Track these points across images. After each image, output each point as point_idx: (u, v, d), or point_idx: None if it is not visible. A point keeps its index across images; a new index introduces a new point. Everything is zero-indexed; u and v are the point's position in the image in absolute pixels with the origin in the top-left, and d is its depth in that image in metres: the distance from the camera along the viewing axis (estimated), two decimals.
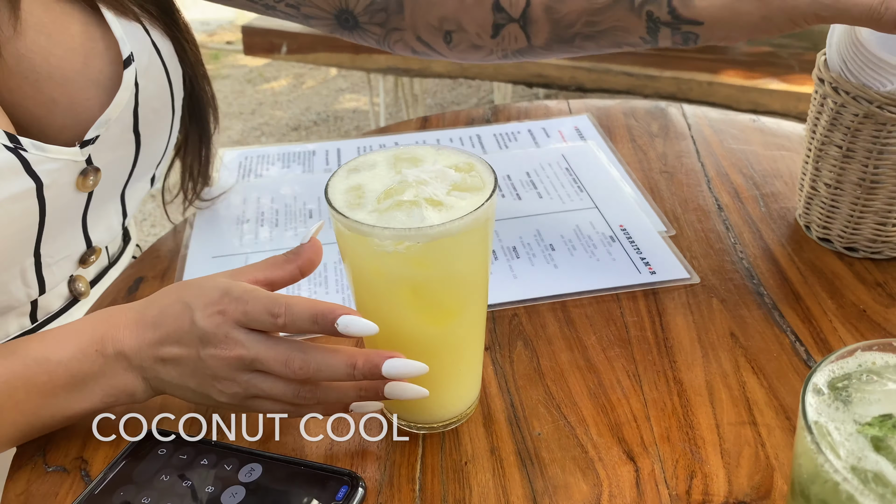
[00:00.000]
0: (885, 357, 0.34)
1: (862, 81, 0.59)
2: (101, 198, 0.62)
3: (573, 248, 0.68)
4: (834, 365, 0.34)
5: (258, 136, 2.94)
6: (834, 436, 0.31)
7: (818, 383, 0.33)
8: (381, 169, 0.47)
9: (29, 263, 0.58)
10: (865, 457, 0.30)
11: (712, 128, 0.87)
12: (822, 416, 0.32)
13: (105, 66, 0.59)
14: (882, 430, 0.30)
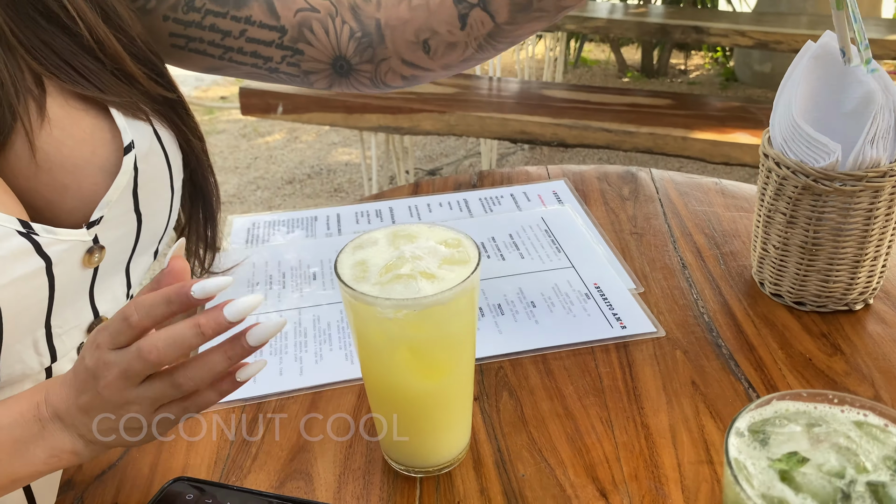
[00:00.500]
0: (796, 405, 0.41)
1: (800, 158, 0.68)
2: (107, 272, 0.66)
3: (552, 304, 0.75)
4: (754, 412, 0.41)
5: (254, 190, 3.03)
6: (749, 469, 0.38)
7: (740, 427, 0.40)
8: (381, 245, 0.54)
9: (41, 334, 0.62)
10: (773, 486, 0.37)
11: (678, 191, 0.95)
12: (741, 455, 0.39)
13: (109, 153, 0.64)
14: (788, 465, 0.37)
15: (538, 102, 2.27)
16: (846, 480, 0.37)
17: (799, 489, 0.36)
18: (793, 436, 0.39)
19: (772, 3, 3.79)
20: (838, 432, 0.39)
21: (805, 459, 0.38)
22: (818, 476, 0.37)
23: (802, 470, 0.37)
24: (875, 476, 0.37)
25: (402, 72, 0.77)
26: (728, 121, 2.06)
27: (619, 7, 3.60)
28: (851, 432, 0.39)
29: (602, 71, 4.34)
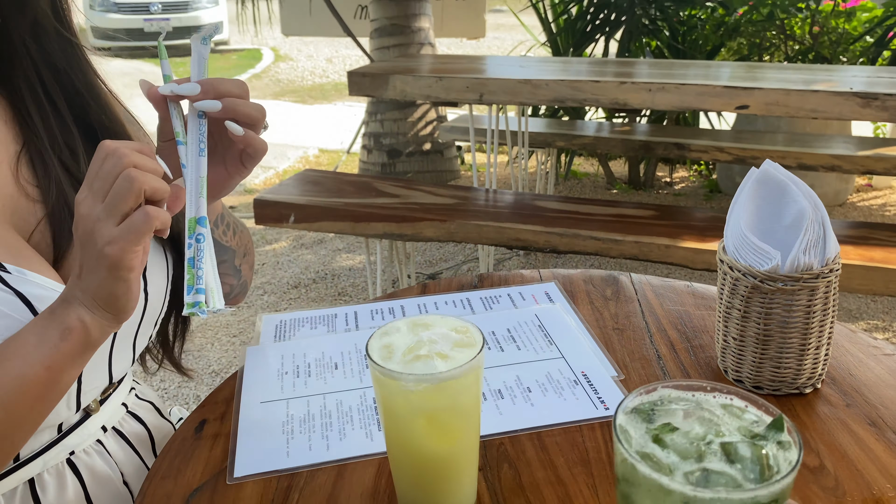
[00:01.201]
0: (677, 392, 0.54)
1: (748, 263, 0.82)
2: (121, 341, 0.81)
3: (546, 389, 0.87)
4: (643, 396, 0.54)
5: (261, 295, 3.16)
6: (631, 433, 0.50)
7: (627, 406, 0.53)
8: (403, 332, 0.67)
9: (74, 388, 0.77)
10: (647, 445, 0.49)
11: (654, 292, 1.09)
12: (627, 425, 0.51)
13: None
14: (660, 431, 0.50)
15: (531, 212, 2.44)
16: (705, 442, 0.48)
17: (666, 447, 0.48)
18: (670, 413, 0.52)
19: (749, 122, 4.07)
20: (706, 410, 0.51)
21: (675, 428, 0.50)
22: (684, 439, 0.48)
23: (672, 435, 0.49)
24: (729, 438, 0.48)
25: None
26: (708, 230, 2.23)
27: (606, 125, 3.87)
28: (717, 411, 0.51)
29: (591, 183, 4.59)
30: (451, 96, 2.58)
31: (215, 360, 2.65)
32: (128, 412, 0.90)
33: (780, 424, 0.49)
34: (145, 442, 0.91)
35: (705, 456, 0.47)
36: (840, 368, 0.88)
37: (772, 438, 0.48)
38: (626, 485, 0.48)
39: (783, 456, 0.47)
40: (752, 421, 0.51)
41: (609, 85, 2.40)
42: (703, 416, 0.51)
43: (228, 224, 0.92)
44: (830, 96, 2.20)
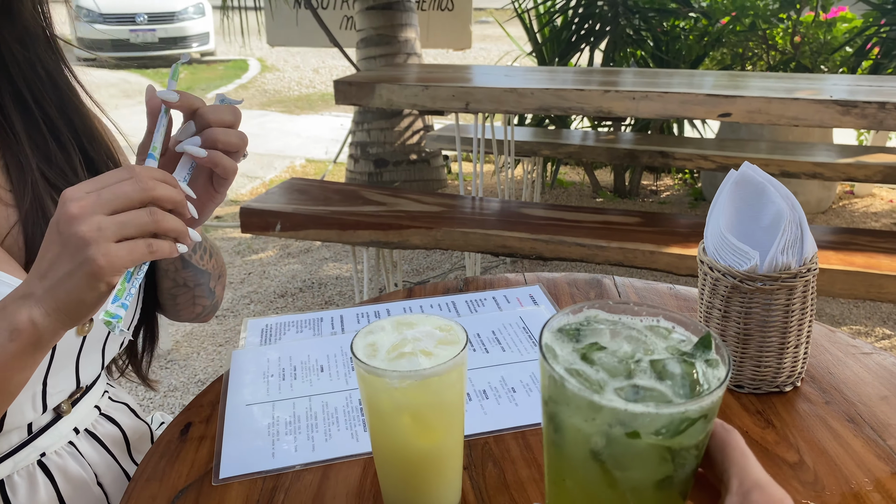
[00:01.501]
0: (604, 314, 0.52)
1: (728, 263, 0.83)
2: (90, 346, 0.82)
3: (530, 390, 0.88)
4: (569, 316, 0.52)
5: (247, 304, 3.15)
6: (557, 352, 0.49)
7: (553, 325, 0.51)
8: (388, 331, 0.67)
9: (39, 389, 0.78)
10: (575, 363, 0.48)
11: (637, 294, 1.10)
12: (553, 343, 0.49)
13: None
14: (587, 350, 0.48)
15: (517, 220, 2.46)
16: (634, 359, 0.47)
17: (594, 365, 0.47)
18: (597, 332, 0.50)
19: (733, 130, 4.12)
20: (634, 330, 0.50)
21: (603, 347, 0.48)
22: (612, 358, 0.47)
23: (600, 353, 0.48)
24: (658, 356, 0.47)
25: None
26: (692, 237, 2.25)
27: (591, 134, 3.90)
28: (644, 331, 0.50)
29: (577, 192, 4.61)
30: (437, 105, 2.59)
31: (201, 370, 2.64)
32: (101, 414, 0.91)
33: (707, 342, 0.48)
34: (120, 443, 0.91)
35: (635, 373, 0.46)
36: (819, 367, 0.90)
37: (700, 357, 0.47)
38: (553, 405, 0.47)
39: (712, 373, 0.46)
40: (679, 340, 0.49)
41: (594, 94, 2.42)
42: (630, 335, 0.50)
43: (206, 249, 0.93)
44: (811, 104, 2.23)
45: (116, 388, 0.99)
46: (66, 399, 0.84)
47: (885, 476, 0.71)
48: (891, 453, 0.74)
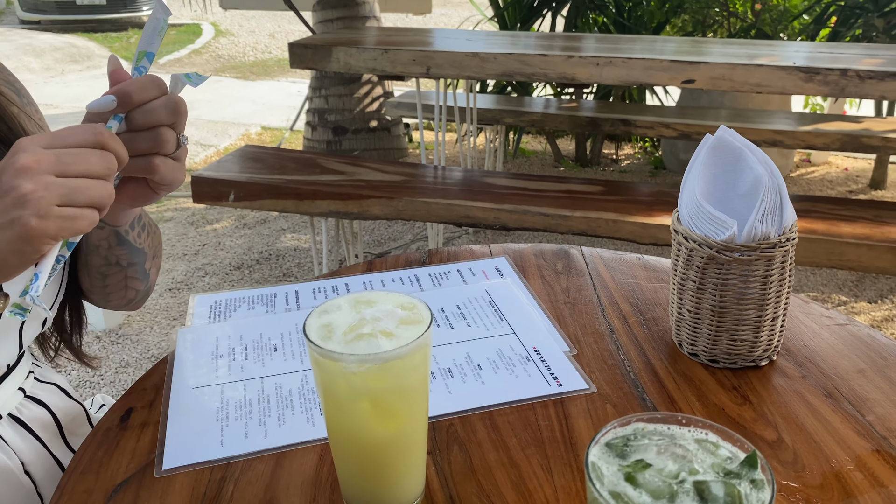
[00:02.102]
0: (652, 425, 0.51)
1: (704, 233, 0.79)
2: (4, 328, 0.75)
3: (497, 367, 0.83)
4: (617, 429, 0.51)
5: (202, 276, 3.05)
6: (603, 471, 0.47)
7: (601, 441, 0.50)
8: (345, 310, 0.62)
9: None
10: (619, 484, 0.46)
11: (606, 265, 1.06)
12: (598, 461, 0.48)
13: None
14: (633, 469, 0.47)
15: (480, 189, 2.40)
16: (678, 480, 0.46)
17: (638, 486, 0.46)
18: (644, 448, 0.49)
19: (693, 98, 4.11)
20: (680, 447, 0.49)
21: (648, 465, 0.47)
22: (656, 477, 0.46)
23: (645, 473, 0.47)
24: (703, 476, 0.46)
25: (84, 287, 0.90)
26: (655, 205, 2.22)
27: (553, 102, 3.85)
28: (691, 446, 0.49)
29: (539, 161, 4.57)
30: (397, 70, 2.51)
31: (155, 345, 2.55)
32: (26, 396, 0.83)
33: (753, 461, 0.48)
34: (50, 426, 0.85)
35: (677, 496, 0.45)
36: (795, 340, 0.87)
37: (745, 476, 0.47)
38: None
39: (756, 496, 0.46)
40: (725, 457, 0.49)
41: (557, 59, 2.36)
42: (676, 452, 0.49)
43: (144, 225, 0.86)
44: (774, 70, 2.21)
45: (44, 367, 0.91)
46: None
47: (865, 453, 0.68)
48: (871, 429, 0.71)
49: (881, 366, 0.81)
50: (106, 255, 0.83)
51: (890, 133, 3.09)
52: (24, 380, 0.84)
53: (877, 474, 0.66)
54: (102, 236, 0.81)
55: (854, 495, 0.63)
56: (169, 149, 0.64)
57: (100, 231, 0.79)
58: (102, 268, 0.85)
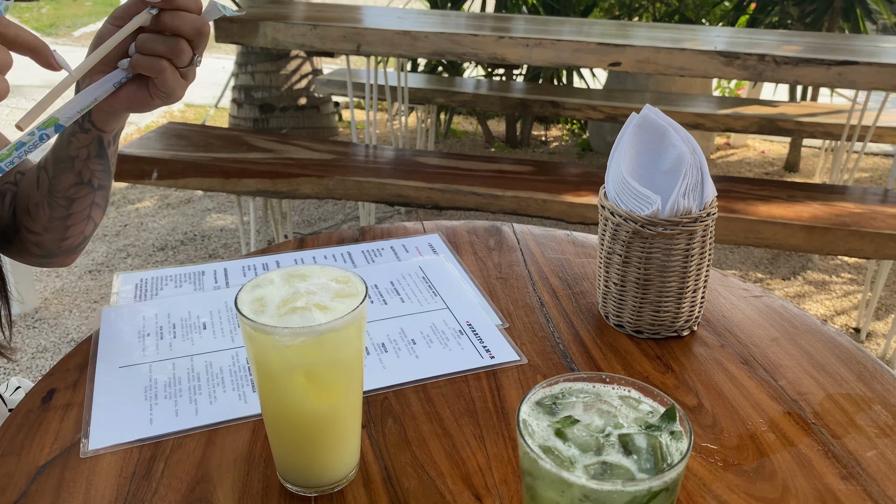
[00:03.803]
0: (579, 385, 0.54)
1: (629, 208, 0.81)
2: None
3: (430, 341, 0.84)
4: (546, 389, 0.53)
5: (124, 258, 2.95)
6: (533, 428, 0.50)
7: (531, 399, 0.52)
8: (277, 284, 0.61)
9: None
10: (549, 439, 0.49)
11: (536, 242, 1.08)
12: (529, 418, 0.51)
13: None
14: (562, 424, 0.50)
15: (413, 168, 2.40)
16: (604, 434, 0.49)
17: (567, 440, 0.49)
18: (571, 405, 0.52)
19: (619, 81, 4.20)
20: (606, 402, 0.52)
21: (576, 421, 0.50)
22: (584, 432, 0.49)
23: (573, 428, 0.49)
24: (627, 430, 0.49)
25: (30, 239, 0.89)
26: (583, 185, 2.27)
27: (484, 83, 3.87)
28: (615, 402, 0.52)
29: (470, 141, 4.59)
30: (327, 46, 2.47)
31: (74, 329, 2.45)
32: None
33: (672, 414, 0.50)
34: None
35: (604, 448, 0.48)
36: (714, 311, 0.91)
37: (665, 428, 0.50)
38: (530, 478, 0.49)
39: (675, 445, 0.49)
40: (647, 412, 0.52)
41: (488, 39, 2.37)
42: (601, 408, 0.52)
43: (117, 145, 0.85)
44: (696, 55, 2.28)
45: None
46: None
47: (778, 416, 0.72)
48: (782, 393, 0.76)
49: (793, 334, 0.86)
50: (80, 171, 0.81)
51: (803, 117, 3.24)
52: None
53: (788, 434, 0.70)
54: (84, 142, 0.79)
55: (767, 454, 0.67)
56: (182, 61, 0.68)
57: (84, 135, 0.78)
58: (72, 189, 0.83)
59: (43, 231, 0.87)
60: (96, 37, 0.69)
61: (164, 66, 0.67)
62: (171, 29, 0.66)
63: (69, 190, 0.83)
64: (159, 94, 0.70)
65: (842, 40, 2.67)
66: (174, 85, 0.69)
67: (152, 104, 0.72)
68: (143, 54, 0.67)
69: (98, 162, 0.83)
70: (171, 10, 0.66)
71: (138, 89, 0.71)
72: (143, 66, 0.68)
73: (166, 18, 0.66)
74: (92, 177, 0.84)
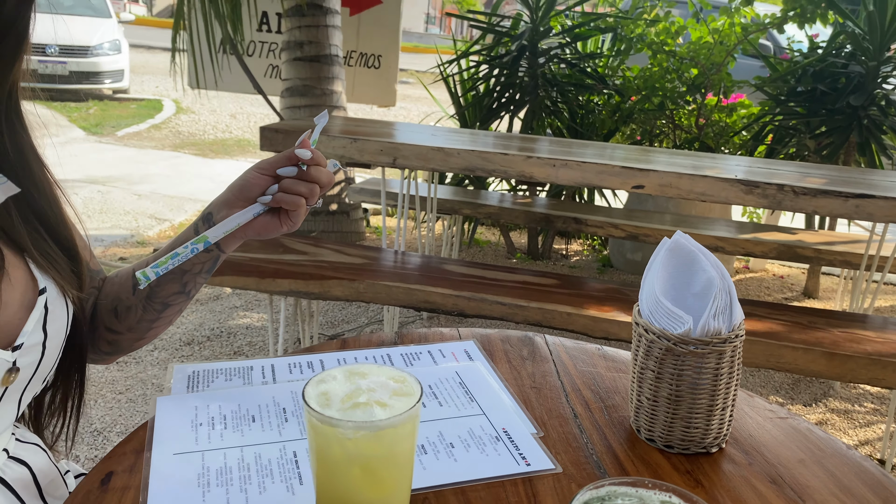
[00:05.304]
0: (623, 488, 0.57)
1: (662, 326, 0.87)
2: (9, 396, 0.79)
3: (468, 445, 0.88)
4: (592, 491, 0.57)
5: (151, 351, 3.00)
6: None
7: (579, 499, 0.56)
8: (340, 380, 0.66)
9: None
10: None
11: (568, 354, 1.13)
12: None
13: (29, 293, 0.80)
14: None
15: (440, 275, 2.48)
16: None
17: None
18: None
19: (640, 202, 4.33)
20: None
21: None
22: None
23: None
24: None
25: (106, 337, 0.98)
26: (606, 301, 2.33)
27: (508, 197, 4.01)
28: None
29: (493, 251, 4.70)
30: (365, 158, 2.61)
31: (98, 419, 2.48)
32: (10, 457, 0.84)
33: None
34: (30, 487, 0.85)
35: None
36: (741, 430, 0.94)
37: None
38: None
39: None
40: None
41: (517, 158, 2.50)
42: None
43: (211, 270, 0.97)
44: (718, 182, 2.38)
45: (21, 427, 0.92)
46: None
47: None
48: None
49: (819, 457, 0.89)
50: (186, 282, 0.93)
51: (821, 245, 3.31)
52: (7, 441, 0.85)
53: None
54: (203, 259, 0.92)
55: None
56: (314, 202, 0.89)
57: (206, 253, 0.90)
58: (172, 297, 0.93)
59: (126, 331, 0.96)
60: (241, 179, 0.88)
61: (301, 203, 0.87)
62: (312, 178, 0.87)
63: (169, 297, 0.94)
64: (288, 223, 0.90)
65: (858, 174, 2.78)
66: (300, 220, 0.90)
67: (279, 231, 0.90)
68: (287, 193, 0.86)
69: (205, 277, 0.95)
70: (314, 165, 0.87)
71: (271, 219, 0.89)
72: (285, 202, 0.87)
73: (311, 171, 0.87)
74: (192, 289, 0.95)
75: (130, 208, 5.15)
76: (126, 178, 6.03)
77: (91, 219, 4.84)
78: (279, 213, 0.90)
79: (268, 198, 0.87)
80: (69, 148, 6.72)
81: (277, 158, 0.88)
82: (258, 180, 0.88)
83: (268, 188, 0.88)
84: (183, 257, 0.83)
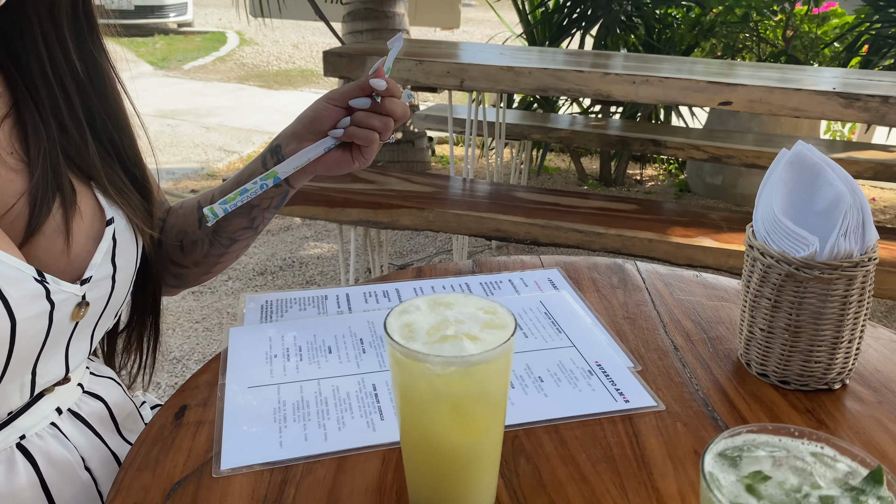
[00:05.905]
0: (763, 436, 0.49)
1: (782, 249, 0.76)
2: (81, 331, 0.76)
3: (559, 380, 0.81)
4: (728, 440, 0.49)
5: (225, 280, 3.04)
6: (721, 482, 0.45)
7: (714, 450, 0.48)
8: (424, 311, 0.60)
9: (27, 379, 0.71)
10: (740, 495, 0.44)
11: (663, 282, 1.03)
12: (715, 470, 0.46)
13: (97, 224, 0.76)
14: (752, 480, 0.45)
15: (511, 203, 2.39)
16: (801, 494, 0.44)
17: (762, 499, 0.44)
18: (758, 459, 0.47)
19: (721, 122, 4.09)
20: (798, 459, 0.47)
21: (768, 477, 0.45)
22: (779, 490, 0.44)
23: (765, 485, 0.45)
24: (827, 491, 0.44)
25: (171, 270, 0.93)
26: (690, 226, 2.20)
27: (580, 120, 3.84)
28: (808, 458, 0.47)
29: (563, 178, 4.56)
30: (431, 81, 2.50)
31: (177, 347, 2.53)
32: (84, 392, 0.82)
33: (879, 477, 0.45)
34: (107, 421, 0.83)
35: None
36: (866, 364, 0.84)
37: (871, 493, 0.44)
38: None
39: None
40: (845, 472, 0.47)
41: (593, 76, 2.35)
42: (795, 465, 0.47)
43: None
44: (813, 95, 2.18)
45: (97, 361, 0.90)
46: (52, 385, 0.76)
47: None
48: None
49: None
50: (254, 217, 0.88)
51: None
52: (82, 375, 0.82)
53: None
54: (272, 193, 0.87)
55: None
56: (388, 136, 0.81)
57: (276, 188, 0.85)
58: (239, 231, 0.89)
59: (192, 265, 0.92)
60: (312, 110, 0.82)
61: (375, 138, 0.80)
62: (387, 111, 0.79)
63: (237, 232, 0.89)
64: (361, 159, 0.83)
65: None
66: (372, 156, 0.83)
67: (350, 167, 0.84)
68: (359, 127, 0.79)
69: (273, 211, 0.89)
70: (388, 97, 0.79)
71: (343, 154, 0.83)
72: (358, 137, 0.80)
73: (386, 102, 0.79)
74: (260, 223, 0.90)
75: (199, 141, 5.19)
76: (193, 111, 6.07)
77: (162, 152, 4.91)
78: (351, 147, 0.83)
79: (339, 132, 0.81)
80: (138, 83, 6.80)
81: (349, 88, 0.80)
82: (329, 112, 0.81)
83: (339, 121, 0.81)
84: (252, 193, 0.79)
